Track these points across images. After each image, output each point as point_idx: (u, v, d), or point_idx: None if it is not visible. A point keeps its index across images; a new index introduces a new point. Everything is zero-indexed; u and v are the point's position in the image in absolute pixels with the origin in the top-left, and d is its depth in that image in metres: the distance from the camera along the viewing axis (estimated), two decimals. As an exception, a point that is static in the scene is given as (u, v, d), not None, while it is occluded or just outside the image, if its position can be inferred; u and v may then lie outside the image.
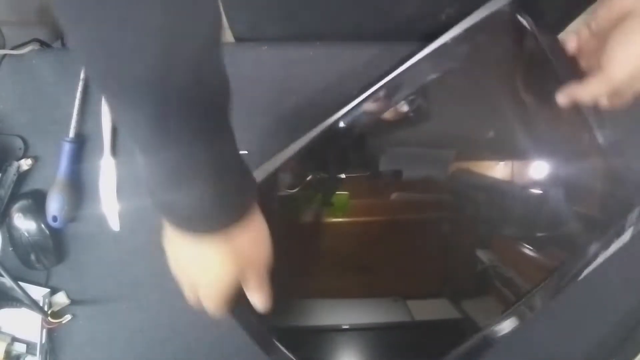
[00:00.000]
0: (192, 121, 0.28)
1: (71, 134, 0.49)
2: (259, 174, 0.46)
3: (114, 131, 0.51)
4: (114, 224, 0.51)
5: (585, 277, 0.56)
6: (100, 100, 0.50)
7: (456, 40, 0.46)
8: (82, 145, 0.51)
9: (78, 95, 0.49)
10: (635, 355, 0.56)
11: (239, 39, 0.57)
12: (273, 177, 0.47)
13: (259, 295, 0.38)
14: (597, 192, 0.50)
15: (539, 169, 0.49)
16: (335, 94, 0.50)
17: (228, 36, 0.59)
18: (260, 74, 0.52)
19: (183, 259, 0.37)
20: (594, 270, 0.56)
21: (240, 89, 0.46)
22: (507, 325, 0.48)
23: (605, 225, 0.48)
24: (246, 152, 0.47)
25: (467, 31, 0.46)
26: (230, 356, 0.54)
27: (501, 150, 0.50)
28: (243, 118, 0.48)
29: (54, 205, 0.49)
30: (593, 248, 0.49)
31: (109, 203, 0.51)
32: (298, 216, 0.49)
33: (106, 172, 0.51)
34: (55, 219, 0.49)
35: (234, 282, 0.36)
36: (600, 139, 0.46)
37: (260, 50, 0.52)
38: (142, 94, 0.25)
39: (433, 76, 0.47)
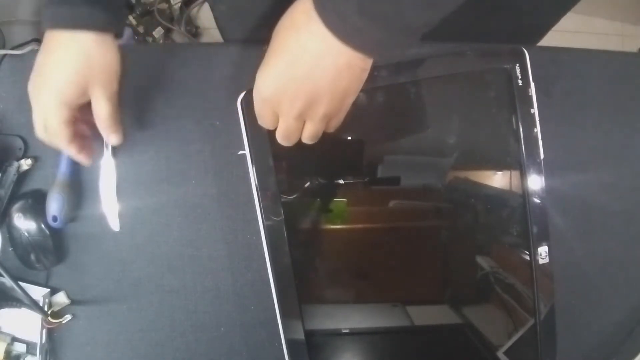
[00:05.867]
0: None
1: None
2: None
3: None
4: (114, 224, 0.51)
5: (585, 277, 0.56)
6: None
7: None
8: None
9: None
10: (635, 355, 0.57)
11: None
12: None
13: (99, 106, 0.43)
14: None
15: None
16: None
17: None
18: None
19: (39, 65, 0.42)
20: (595, 270, 0.56)
21: (240, 88, 0.47)
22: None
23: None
24: (244, 152, 0.47)
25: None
26: (229, 356, 0.54)
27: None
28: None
29: (54, 205, 0.49)
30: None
31: (109, 203, 0.51)
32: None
33: (106, 172, 0.51)
34: (55, 219, 0.49)
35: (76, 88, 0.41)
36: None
37: (260, 50, 0.52)
38: None
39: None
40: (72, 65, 0.40)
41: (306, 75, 0.35)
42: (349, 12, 0.31)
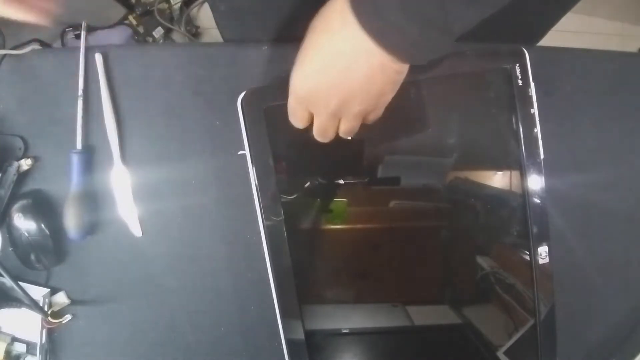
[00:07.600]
0: None
1: (78, 145, 0.49)
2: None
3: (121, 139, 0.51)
4: (136, 230, 0.52)
5: (585, 277, 0.56)
6: (102, 111, 0.50)
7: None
8: (91, 155, 0.51)
9: (79, 106, 0.49)
10: (635, 355, 0.57)
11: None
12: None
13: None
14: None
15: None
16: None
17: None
18: (260, 74, 0.52)
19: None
20: (595, 270, 0.56)
21: (240, 88, 0.47)
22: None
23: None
24: (244, 152, 0.47)
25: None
26: (229, 356, 0.54)
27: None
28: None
29: (73, 221, 0.49)
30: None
31: (128, 209, 0.51)
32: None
33: (119, 179, 0.51)
34: (75, 233, 0.49)
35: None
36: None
37: (260, 50, 0.52)
38: None
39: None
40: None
41: (340, 75, 0.35)
42: (390, 7, 0.31)
